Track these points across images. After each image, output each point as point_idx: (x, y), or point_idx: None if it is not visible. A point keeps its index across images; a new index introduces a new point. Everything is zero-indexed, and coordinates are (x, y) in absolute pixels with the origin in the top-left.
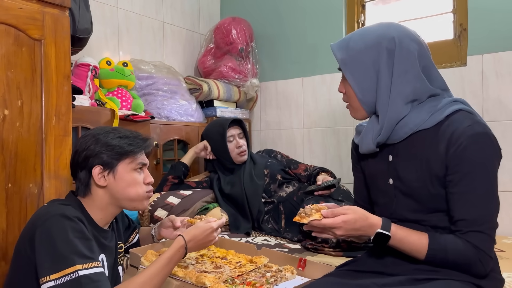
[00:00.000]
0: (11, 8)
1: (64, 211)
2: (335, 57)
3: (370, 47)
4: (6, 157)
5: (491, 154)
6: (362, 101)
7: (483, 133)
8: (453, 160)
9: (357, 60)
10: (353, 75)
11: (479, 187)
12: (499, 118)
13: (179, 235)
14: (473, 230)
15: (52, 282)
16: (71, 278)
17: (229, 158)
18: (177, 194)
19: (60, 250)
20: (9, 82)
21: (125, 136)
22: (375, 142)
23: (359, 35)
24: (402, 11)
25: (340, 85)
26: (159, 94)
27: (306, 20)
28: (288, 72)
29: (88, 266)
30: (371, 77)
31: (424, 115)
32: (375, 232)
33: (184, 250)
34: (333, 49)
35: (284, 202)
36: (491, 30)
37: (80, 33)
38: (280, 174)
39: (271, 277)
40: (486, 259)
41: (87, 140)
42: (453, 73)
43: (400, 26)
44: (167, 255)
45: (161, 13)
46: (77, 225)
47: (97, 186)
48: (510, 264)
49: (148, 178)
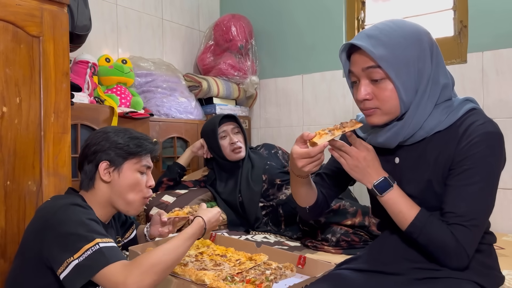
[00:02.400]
0: (9, 4)
1: (74, 200)
2: (371, 55)
3: (413, 43)
4: (5, 155)
5: (498, 155)
6: (404, 103)
7: (496, 132)
8: (460, 154)
9: (402, 57)
10: (398, 74)
11: (475, 183)
12: (500, 116)
13: (197, 217)
14: (458, 223)
15: (76, 260)
16: (92, 250)
17: (223, 155)
18: (173, 193)
19: (79, 231)
20: (7, 79)
21: (135, 138)
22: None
23: (391, 30)
24: (402, 8)
25: (364, 89)
26: (158, 91)
27: (306, 17)
28: (287, 69)
29: (106, 240)
30: (415, 75)
31: (441, 117)
32: (380, 178)
33: (203, 230)
34: (364, 47)
35: (284, 205)
36: (492, 27)
37: (79, 30)
38: (279, 178)
39: (271, 274)
40: (463, 255)
41: (98, 136)
42: (453, 70)
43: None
44: (190, 231)
45: (160, 10)
46: (89, 211)
47: (102, 181)
48: (510, 261)
49: (150, 181)
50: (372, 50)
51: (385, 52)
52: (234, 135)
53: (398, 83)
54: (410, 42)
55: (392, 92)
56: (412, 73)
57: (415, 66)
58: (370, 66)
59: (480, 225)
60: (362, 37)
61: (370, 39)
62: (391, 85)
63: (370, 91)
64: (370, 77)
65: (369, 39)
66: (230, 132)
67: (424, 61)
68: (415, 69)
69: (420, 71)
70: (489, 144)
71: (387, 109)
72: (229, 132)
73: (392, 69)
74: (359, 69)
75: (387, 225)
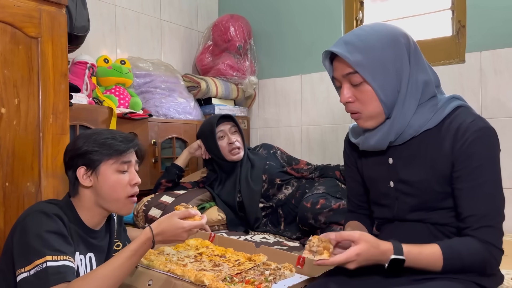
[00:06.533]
0: (8, 5)
1: (44, 208)
2: (347, 61)
3: (389, 45)
4: (3, 156)
5: (496, 148)
6: (385, 105)
7: (487, 127)
8: (460, 156)
9: (377, 60)
10: (375, 77)
11: (487, 181)
12: (498, 115)
13: (147, 226)
14: (484, 225)
15: (26, 273)
16: (40, 268)
17: (221, 156)
18: (171, 194)
19: (33, 244)
20: (5, 81)
21: (108, 138)
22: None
23: (367, 35)
24: (400, 8)
25: (346, 93)
26: (157, 92)
27: (304, 18)
28: (286, 69)
29: (58, 258)
30: (393, 76)
31: (428, 115)
32: (388, 259)
33: (151, 243)
34: (340, 53)
35: (283, 205)
36: (490, 27)
37: (77, 31)
38: (279, 178)
39: (270, 275)
40: (498, 253)
41: (74, 141)
42: (452, 70)
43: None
44: (132, 247)
45: (158, 10)
46: (53, 221)
47: (83, 186)
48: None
49: (135, 179)
50: (348, 56)
51: (360, 57)
52: (232, 135)
53: (375, 85)
54: (386, 44)
55: (371, 94)
56: (390, 74)
57: (393, 67)
58: (349, 72)
59: (502, 220)
60: (340, 43)
61: (346, 45)
62: (370, 88)
63: (352, 94)
64: (351, 82)
65: (345, 46)
66: (228, 132)
67: (401, 61)
68: (393, 70)
69: (399, 71)
70: (485, 139)
71: (369, 112)
72: (226, 132)
73: (368, 73)
74: (339, 75)
75: (386, 226)
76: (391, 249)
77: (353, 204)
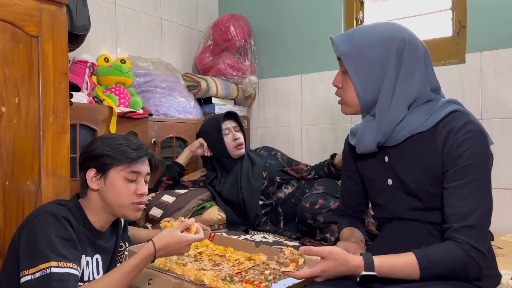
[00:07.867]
0: (8, 4)
1: (54, 210)
2: (337, 49)
3: (379, 44)
4: (3, 155)
5: (485, 151)
6: (361, 99)
7: (478, 130)
8: (449, 156)
9: (363, 55)
10: (357, 70)
11: (473, 181)
12: (497, 116)
13: (149, 240)
14: (465, 225)
15: (30, 276)
16: (44, 273)
17: (226, 152)
18: (172, 193)
19: (40, 247)
20: (6, 79)
21: (122, 144)
22: (375, 142)
23: (366, 30)
24: (401, 8)
25: (337, 78)
26: (157, 91)
27: (304, 17)
28: (286, 69)
29: (62, 265)
30: (376, 75)
31: (422, 118)
32: (360, 274)
33: (152, 258)
34: (335, 41)
35: (283, 204)
36: (490, 27)
37: (77, 30)
38: (279, 176)
39: (270, 274)
40: (481, 256)
41: (91, 143)
42: (452, 71)
43: (408, 28)
44: (133, 262)
45: (159, 9)
46: (62, 225)
47: (91, 189)
48: (508, 261)
49: (141, 189)
50: (337, 46)
51: (349, 49)
52: (236, 132)
53: (355, 79)
54: (378, 43)
55: (351, 85)
56: (374, 72)
57: (379, 66)
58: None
59: (485, 222)
60: (344, 33)
61: (345, 36)
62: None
63: (340, 80)
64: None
65: (344, 36)
66: (232, 129)
67: (387, 63)
68: (378, 69)
69: (383, 71)
70: (475, 141)
71: (348, 101)
72: (231, 129)
73: (351, 65)
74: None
75: (386, 225)
76: (361, 265)
77: (347, 204)
